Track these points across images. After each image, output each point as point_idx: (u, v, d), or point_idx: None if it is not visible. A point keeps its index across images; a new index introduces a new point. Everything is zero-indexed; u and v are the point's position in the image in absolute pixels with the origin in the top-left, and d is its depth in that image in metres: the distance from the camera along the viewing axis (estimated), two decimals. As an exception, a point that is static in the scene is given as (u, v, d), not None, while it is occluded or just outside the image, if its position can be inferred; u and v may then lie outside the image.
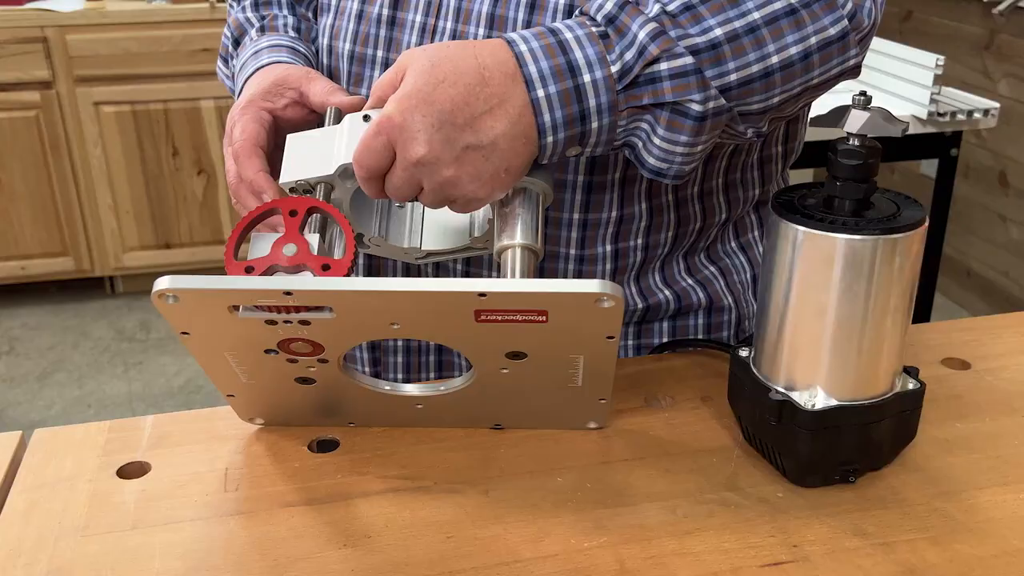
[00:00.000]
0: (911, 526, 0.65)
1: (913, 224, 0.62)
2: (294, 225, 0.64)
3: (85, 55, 2.87)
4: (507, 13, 0.76)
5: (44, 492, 0.69)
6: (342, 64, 0.85)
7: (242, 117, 0.76)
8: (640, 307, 0.87)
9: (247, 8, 0.92)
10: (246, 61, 0.87)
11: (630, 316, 0.88)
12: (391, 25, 0.81)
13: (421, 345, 0.89)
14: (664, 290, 0.88)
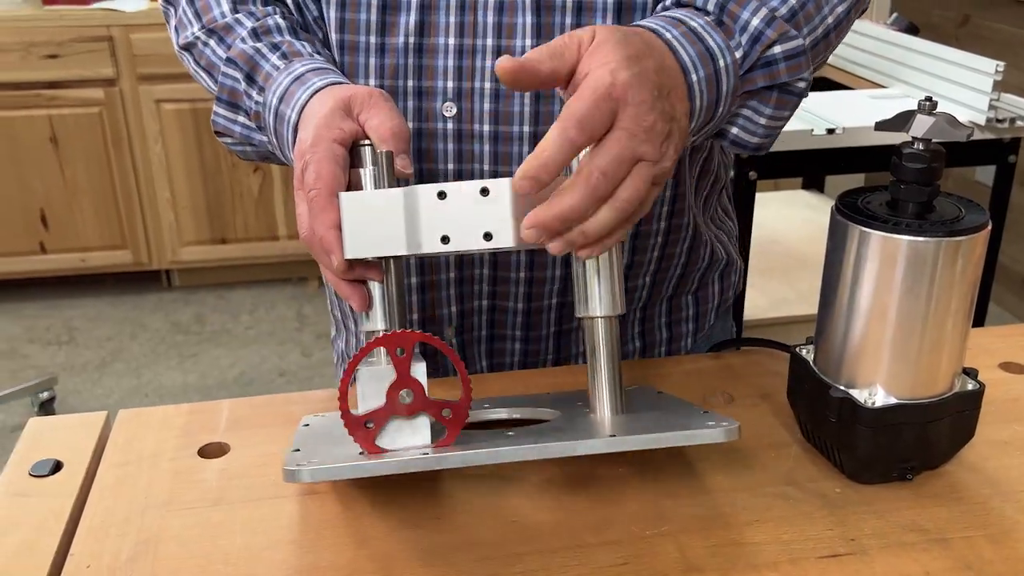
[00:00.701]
0: (968, 523, 0.66)
1: (976, 227, 0.64)
2: (404, 367, 0.61)
3: (148, 54, 2.95)
4: (553, 20, 0.77)
5: (130, 469, 0.73)
6: None
7: (313, 155, 0.66)
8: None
9: (248, 39, 0.80)
10: (288, 88, 0.75)
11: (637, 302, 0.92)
12: (419, 53, 0.79)
13: None
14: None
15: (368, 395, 0.63)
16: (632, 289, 0.91)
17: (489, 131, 0.80)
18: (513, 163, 0.82)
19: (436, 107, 0.80)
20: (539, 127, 0.80)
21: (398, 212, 0.63)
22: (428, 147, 0.81)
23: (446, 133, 0.81)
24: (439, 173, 0.82)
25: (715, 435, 0.61)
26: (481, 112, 0.80)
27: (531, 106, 0.80)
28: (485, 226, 0.61)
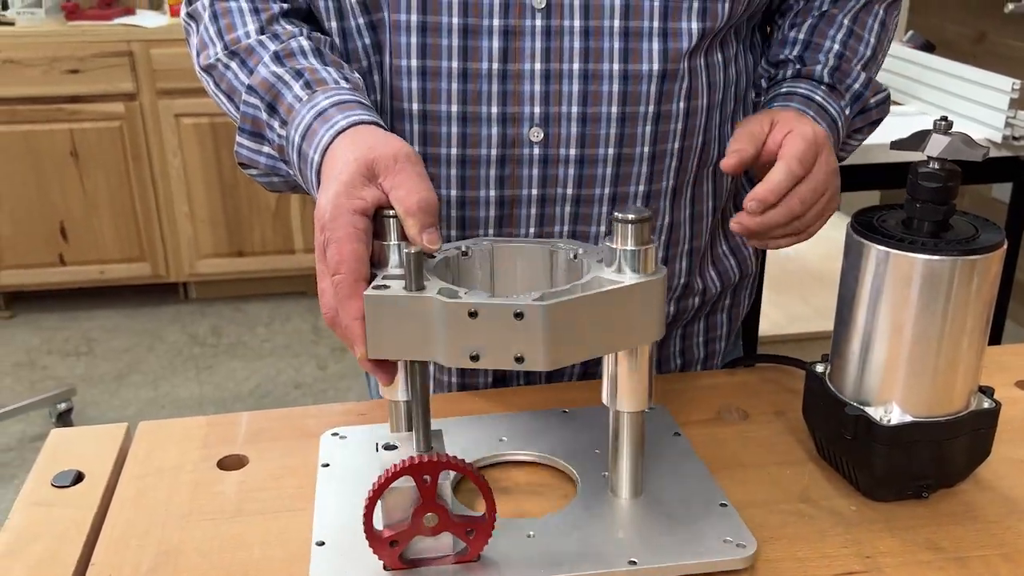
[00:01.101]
0: (985, 542, 0.66)
1: (992, 246, 0.64)
2: (430, 493, 0.60)
3: (168, 69, 2.97)
4: (640, 45, 0.78)
5: (150, 480, 0.73)
6: (442, 128, 0.80)
7: (334, 232, 0.63)
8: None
9: (269, 64, 0.77)
10: (311, 125, 0.72)
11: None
12: (504, 79, 0.79)
13: None
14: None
15: (392, 509, 0.61)
16: (682, 311, 0.93)
17: (575, 155, 0.81)
18: (596, 186, 0.82)
19: (523, 133, 0.80)
20: (623, 149, 0.81)
21: (426, 320, 0.60)
22: (512, 173, 0.81)
23: (532, 158, 0.81)
24: (523, 200, 0.82)
25: (734, 563, 0.63)
26: (568, 136, 0.80)
27: (616, 128, 0.80)
28: (517, 349, 0.59)
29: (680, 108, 0.81)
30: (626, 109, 0.79)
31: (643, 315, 0.62)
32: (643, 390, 0.66)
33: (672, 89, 0.80)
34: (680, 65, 0.79)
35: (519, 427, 0.79)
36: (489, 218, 0.83)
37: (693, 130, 0.83)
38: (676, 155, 0.83)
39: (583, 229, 0.84)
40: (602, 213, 0.83)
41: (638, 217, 0.61)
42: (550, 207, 0.83)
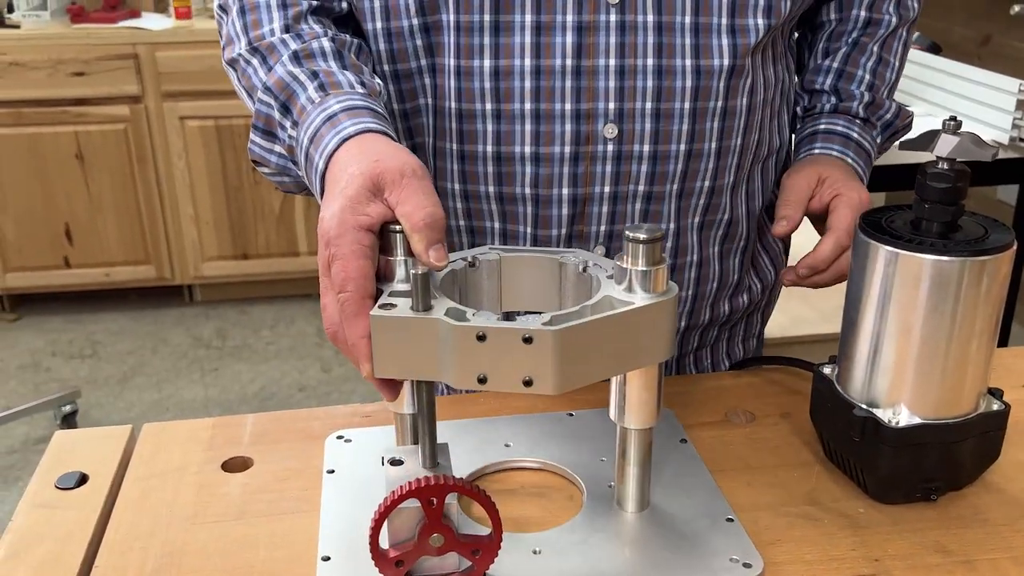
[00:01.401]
0: (994, 545, 0.66)
1: (1001, 247, 0.64)
2: (436, 515, 0.60)
3: (173, 71, 2.98)
4: (710, 41, 0.80)
5: (155, 482, 0.73)
6: (516, 126, 0.80)
7: (339, 248, 0.61)
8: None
9: (288, 63, 0.75)
10: (319, 130, 0.70)
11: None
12: (578, 75, 0.79)
13: None
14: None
15: (398, 529, 0.60)
16: (734, 309, 0.94)
17: (648, 151, 0.81)
18: (667, 183, 0.83)
19: (597, 129, 0.80)
20: (694, 144, 0.82)
21: (433, 342, 0.58)
22: (586, 171, 0.82)
23: (605, 155, 0.81)
24: (595, 197, 0.83)
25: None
26: (642, 132, 0.81)
27: (688, 124, 0.81)
28: (525, 372, 0.58)
29: (744, 104, 0.83)
30: (697, 104, 0.81)
31: (654, 336, 0.61)
32: (652, 407, 0.65)
33: (738, 85, 0.82)
34: (746, 61, 0.81)
35: (524, 431, 0.79)
36: (562, 216, 0.83)
37: (752, 126, 0.85)
38: (738, 151, 0.85)
39: None
40: (671, 210, 0.85)
41: (650, 237, 0.60)
42: (622, 204, 0.83)
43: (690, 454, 0.76)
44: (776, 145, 0.92)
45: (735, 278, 0.92)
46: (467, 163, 0.83)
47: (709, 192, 0.85)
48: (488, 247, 0.70)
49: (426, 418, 0.63)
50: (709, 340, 0.96)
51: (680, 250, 0.87)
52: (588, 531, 0.67)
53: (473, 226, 0.87)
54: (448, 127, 0.82)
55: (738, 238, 0.91)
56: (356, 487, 0.71)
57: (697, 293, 0.90)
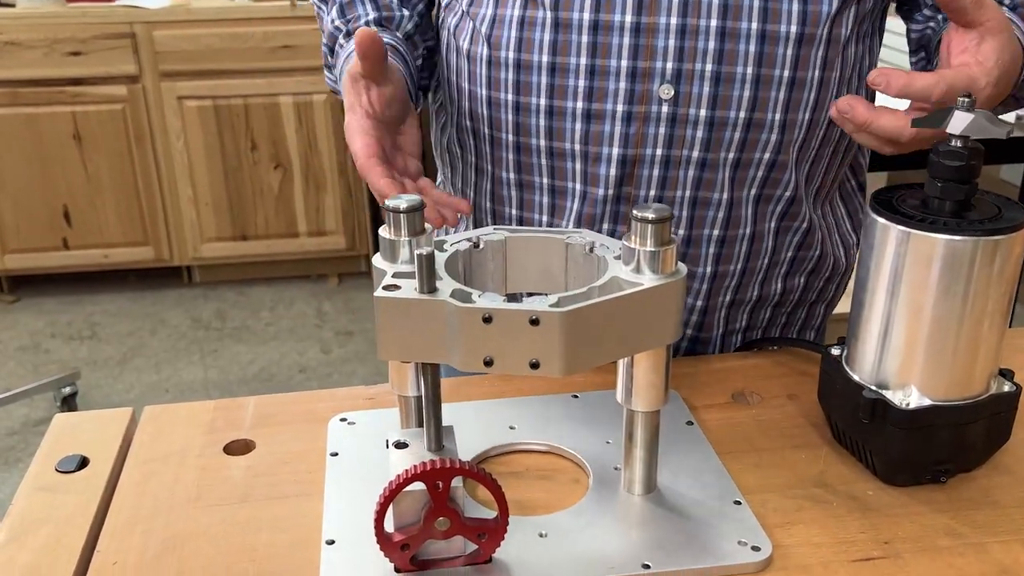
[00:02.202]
0: (1004, 528, 0.65)
1: (1015, 226, 0.62)
2: (442, 499, 0.59)
3: (170, 51, 2.96)
4: (780, 5, 0.78)
5: (156, 465, 0.72)
6: (569, 81, 0.81)
7: (350, 135, 0.76)
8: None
9: (335, 17, 0.90)
10: (342, 68, 0.87)
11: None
12: (637, 32, 0.78)
13: None
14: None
15: (404, 511, 0.60)
16: (774, 292, 0.93)
17: (705, 116, 0.80)
18: (723, 150, 0.81)
19: (652, 89, 0.79)
20: (755, 113, 0.80)
21: (439, 324, 0.58)
22: (639, 131, 0.81)
23: (659, 116, 0.80)
24: (646, 159, 0.82)
25: (746, 568, 0.62)
26: (699, 96, 0.79)
27: (750, 91, 0.79)
28: (532, 355, 0.57)
29: (815, 77, 0.80)
30: (761, 71, 0.79)
31: (662, 317, 0.60)
32: (659, 390, 0.64)
33: (808, 55, 0.79)
34: (818, 31, 0.79)
35: (529, 414, 0.78)
36: (610, 176, 0.83)
37: (824, 102, 0.82)
38: (805, 126, 0.82)
39: (704, 195, 0.83)
40: (725, 179, 0.83)
41: (659, 216, 0.59)
42: (674, 170, 0.82)
43: (697, 436, 0.75)
44: None
45: (789, 255, 0.90)
46: (520, 114, 0.84)
47: (769, 165, 0.83)
48: (493, 228, 0.69)
49: (431, 400, 0.62)
50: (761, 321, 0.94)
51: (732, 222, 0.85)
52: (594, 514, 0.67)
53: (522, 180, 0.87)
54: (504, 77, 0.83)
55: (800, 218, 0.88)
56: (360, 470, 0.71)
57: (746, 268, 0.88)
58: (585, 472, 0.71)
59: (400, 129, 0.80)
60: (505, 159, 0.87)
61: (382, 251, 0.63)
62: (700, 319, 0.90)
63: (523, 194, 0.88)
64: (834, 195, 0.94)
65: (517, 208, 0.89)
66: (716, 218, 0.84)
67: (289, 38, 2.98)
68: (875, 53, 0.89)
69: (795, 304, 0.95)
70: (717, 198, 0.83)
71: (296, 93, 3.05)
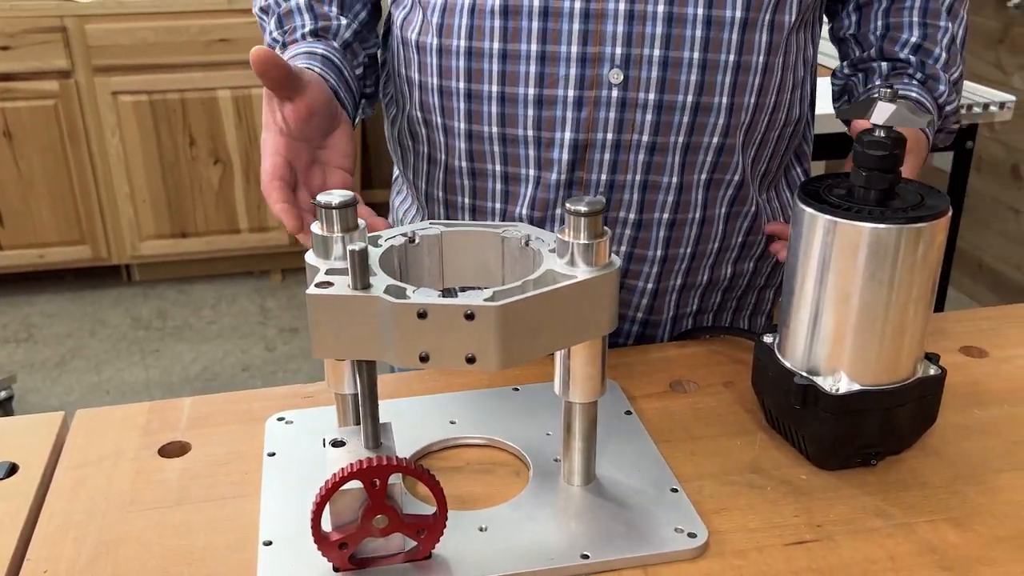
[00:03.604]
0: (932, 507, 0.67)
1: (937, 213, 0.64)
2: (379, 497, 0.59)
3: (103, 45, 2.89)
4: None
5: (89, 470, 0.71)
6: (520, 67, 0.82)
7: (263, 148, 0.76)
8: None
9: (273, 29, 0.89)
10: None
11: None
12: (586, 18, 0.79)
13: None
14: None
15: (341, 510, 0.59)
16: (739, 273, 0.95)
17: (654, 100, 0.81)
18: (672, 134, 0.82)
19: (603, 74, 0.80)
20: (702, 97, 0.81)
21: (373, 320, 0.58)
22: (589, 116, 0.81)
23: (610, 101, 0.81)
24: (597, 143, 0.83)
25: (683, 555, 0.62)
26: (648, 80, 0.80)
27: (697, 75, 0.80)
28: (468, 349, 0.57)
29: (759, 62, 0.82)
30: (707, 56, 0.80)
31: (597, 309, 0.61)
32: (596, 381, 0.65)
33: (752, 40, 0.81)
34: (761, 16, 0.80)
35: (470, 408, 0.78)
36: (563, 161, 0.84)
37: (769, 87, 0.84)
38: (751, 110, 0.84)
39: (655, 179, 0.85)
40: (675, 163, 0.84)
41: (591, 209, 0.60)
42: (624, 154, 0.83)
43: (635, 426, 0.76)
44: (796, 116, 0.90)
45: (738, 240, 0.92)
46: (472, 102, 0.84)
47: (718, 149, 0.84)
48: (429, 222, 0.69)
49: (367, 398, 0.62)
50: (711, 305, 0.96)
51: (682, 206, 0.86)
52: (534, 506, 0.67)
53: (475, 168, 0.88)
54: (455, 65, 0.84)
55: (748, 202, 0.90)
56: (298, 470, 0.70)
57: (696, 252, 0.90)
58: (525, 465, 0.72)
59: (324, 143, 0.78)
60: (458, 148, 0.87)
61: (314, 247, 0.62)
62: (651, 302, 0.91)
63: (476, 182, 0.89)
64: (780, 181, 0.96)
65: (470, 197, 0.90)
66: (666, 202, 0.86)
67: (226, 31, 2.94)
68: (816, 42, 0.92)
69: (745, 288, 0.97)
70: (667, 182, 0.85)
71: (234, 87, 3.00)
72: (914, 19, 0.91)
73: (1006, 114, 2.05)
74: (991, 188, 3.03)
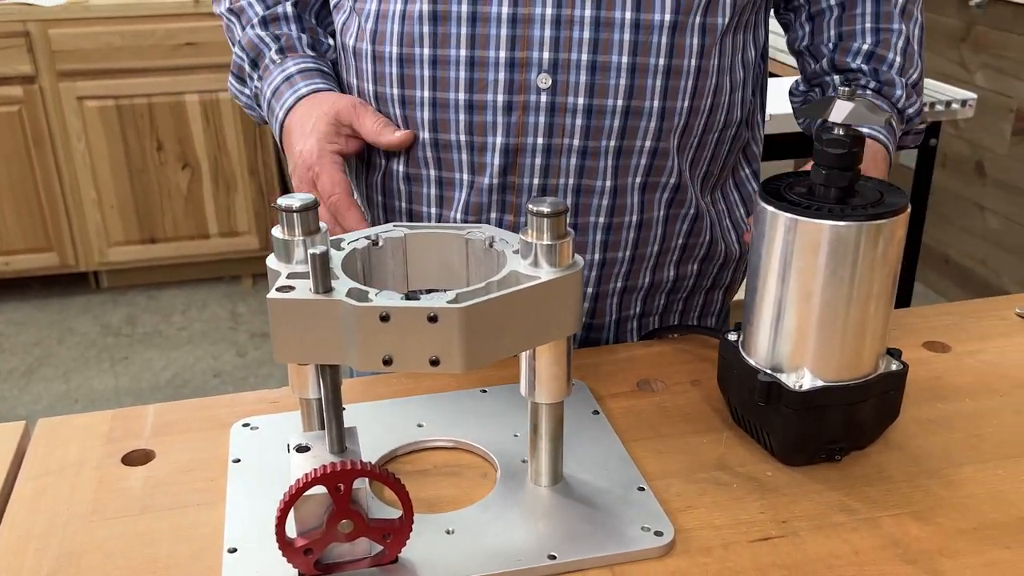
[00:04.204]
0: (895, 502, 0.67)
1: (896, 210, 0.65)
2: (344, 501, 0.58)
3: (68, 49, 2.86)
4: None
5: (51, 479, 0.70)
6: (451, 73, 0.82)
7: (322, 166, 0.83)
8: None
9: (256, 26, 0.92)
10: (279, 87, 0.89)
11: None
12: (514, 23, 0.79)
13: None
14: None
15: (306, 516, 0.59)
16: (682, 276, 0.95)
17: (584, 104, 0.81)
18: (603, 138, 0.82)
19: (531, 79, 0.80)
20: (632, 101, 0.81)
21: (335, 324, 0.57)
22: (519, 121, 0.81)
23: (539, 106, 0.81)
24: (528, 148, 0.82)
25: (650, 553, 0.63)
26: (577, 84, 0.80)
27: (627, 79, 0.80)
28: (431, 352, 0.57)
29: (691, 65, 0.82)
30: (636, 60, 0.80)
31: (561, 309, 0.61)
32: (562, 381, 0.65)
33: (683, 43, 0.81)
34: (691, 19, 0.80)
35: (437, 411, 0.78)
36: (495, 165, 0.84)
37: (703, 90, 0.84)
38: (685, 114, 0.84)
39: (588, 183, 0.84)
40: (608, 167, 0.84)
41: (554, 210, 0.60)
42: (556, 158, 0.83)
43: (602, 425, 0.76)
44: (736, 118, 0.90)
45: (679, 242, 0.91)
46: (406, 108, 0.85)
47: (651, 153, 0.84)
48: (393, 224, 0.68)
49: (331, 402, 0.61)
50: (656, 308, 0.96)
51: (617, 209, 0.86)
52: (501, 508, 0.67)
53: (410, 173, 0.88)
54: (388, 72, 0.85)
55: (687, 204, 0.89)
56: (263, 476, 0.70)
57: (635, 255, 0.89)
58: (493, 466, 0.72)
59: None
60: (393, 153, 0.88)
61: (276, 252, 0.62)
62: (592, 306, 0.92)
63: (411, 187, 0.89)
64: (726, 182, 0.96)
65: (406, 201, 0.90)
66: (601, 205, 0.86)
67: (192, 35, 2.91)
68: (760, 43, 0.92)
69: (690, 290, 0.97)
70: (600, 186, 0.85)
71: (202, 91, 2.98)
72: (866, 26, 0.91)
73: (968, 111, 2.08)
74: (956, 185, 3.06)
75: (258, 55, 0.92)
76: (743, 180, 0.97)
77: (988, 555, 0.62)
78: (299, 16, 0.94)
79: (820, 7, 0.94)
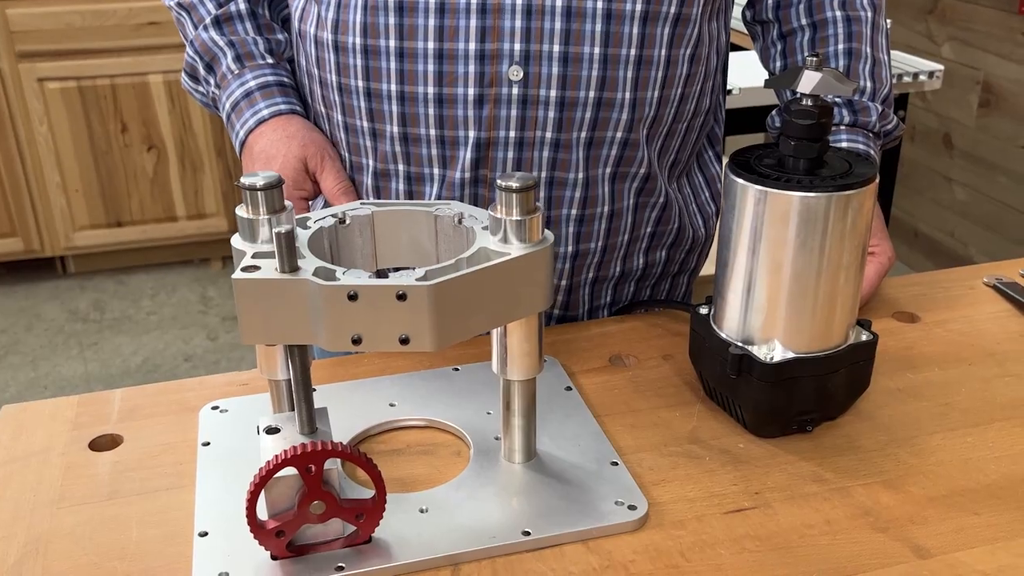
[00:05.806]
0: (866, 471, 0.68)
1: (865, 181, 0.65)
2: (315, 482, 0.57)
3: (27, 30, 2.80)
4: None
5: (17, 466, 0.69)
6: (419, 65, 0.80)
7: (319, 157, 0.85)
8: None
9: (209, 28, 0.90)
10: (238, 103, 0.88)
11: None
12: (483, 13, 0.77)
13: None
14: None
15: (277, 499, 0.58)
16: (651, 263, 0.94)
17: (555, 96, 0.79)
18: (575, 130, 0.81)
19: (501, 71, 0.78)
20: (604, 93, 0.80)
21: (302, 304, 0.56)
22: (491, 114, 0.80)
23: (510, 98, 0.79)
24: (500, 141, 0.81)
25: (624, 527, 0.63)
26: (548, 76, 0.78)
27: (599, 70, 0.79)
28: (401, 330, 0.56)
29: (662, 55, 0.81)
30: (608, 50, 0.79)
31: (531, 285, 0.60)
32: (534, 358, 0.64)
33: (655, 33, 0.80)
34: (663, 8, 0.79)
35: (409, 390, 0.77)
36: (466, 160, 0.82)
37: (673, 80, 0.83)
38: (655, 104, 0.83)
39: (560, 175, 0.83)
40: (579, 159, 0.83)
41: (523, 185, 0.59)
42: (528, 151, 0.82)
43: (575, 401, 0.76)
44: (706, 106, 0.89)
45: (648, 231, 0.91)
46: (373, 101, 0.82)
47: (622, 144, 0.83)
48: (360, 202, 0.67)
49: (301, 383, 0.61)
50: (625, 296, 0.95)
51: (589, 201, 0.85)
52: (475, 486, 0.67)
53: (378, 168, 0.86)
54: (352, 63, 0.82)
55: (656, 194, 0.89)
56: (233, 459, 0.69)
57: (607, 245, 0.89)
58: (466, 444, 0.71)
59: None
60: (362, 146, 0.86)
61: (240, 231, 0.61)
62: (565, 298, 0.91)
63: (380, 182, 0.87)
64: (691, 167, 0.95)
65: (377, 196, 0.88)
66: (573, 198, 0.85)
67: (154, 14, 2.86)
68: (728, 29, 0.91)
69: (658, 277, 0.97)
70: (573, 178, 0.84)
71: (166, 71, 2.93)
72: (839, 47, 0.91)
73: (935, 83, 2.09)
74: (924, 157, 3.08)
75: (213, 59, 0.90)
76: (707, 163, 0.97)
77: (958, 521, 0.63)
78: (252, 12, 0.91)
79: (792, 26, 0.94)
